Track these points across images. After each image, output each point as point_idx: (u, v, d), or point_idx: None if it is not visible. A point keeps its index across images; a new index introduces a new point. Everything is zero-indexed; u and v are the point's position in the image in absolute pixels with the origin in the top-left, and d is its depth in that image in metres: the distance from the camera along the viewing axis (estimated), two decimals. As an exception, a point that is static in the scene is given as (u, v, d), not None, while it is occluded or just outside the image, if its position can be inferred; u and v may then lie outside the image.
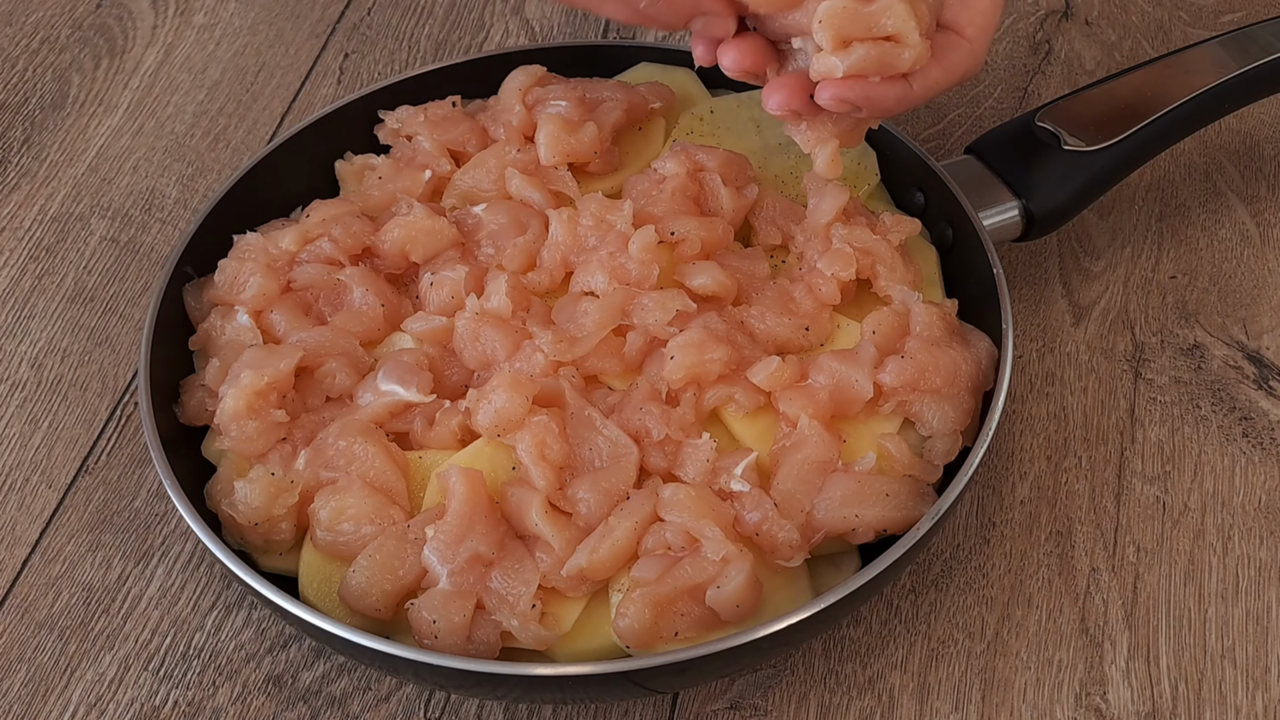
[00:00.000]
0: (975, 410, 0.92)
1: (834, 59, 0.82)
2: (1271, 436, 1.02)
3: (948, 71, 0.86)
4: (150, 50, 1.35)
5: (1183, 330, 1.09)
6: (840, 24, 0.82)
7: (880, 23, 0.82)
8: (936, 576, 0.96)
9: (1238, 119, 1.25)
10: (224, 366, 0.93)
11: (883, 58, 0.83)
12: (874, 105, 0.84)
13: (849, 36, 0.82)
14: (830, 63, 0.83)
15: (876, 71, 0.83)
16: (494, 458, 0.88)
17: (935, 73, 0.86)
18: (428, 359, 0.93)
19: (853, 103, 0.84)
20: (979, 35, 0.87)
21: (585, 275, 0.94)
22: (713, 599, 0.82)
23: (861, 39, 0.82)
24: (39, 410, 1.07)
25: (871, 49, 0.82)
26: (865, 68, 0.83)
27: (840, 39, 0.82)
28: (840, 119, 0.88)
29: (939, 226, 1.03)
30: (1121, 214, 1.17)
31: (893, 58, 0.83)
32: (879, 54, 0.82)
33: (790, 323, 0.93)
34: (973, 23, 0.86)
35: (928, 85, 0.86)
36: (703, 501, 0.85)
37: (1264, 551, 0.97)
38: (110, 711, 0.91)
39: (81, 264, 1.16)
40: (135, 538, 1.00)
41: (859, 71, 0.83)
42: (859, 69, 0.83)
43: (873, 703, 0.91)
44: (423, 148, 1.05)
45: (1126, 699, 0.90)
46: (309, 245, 0.99)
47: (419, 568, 0.84)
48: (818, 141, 0.89)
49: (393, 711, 0.91)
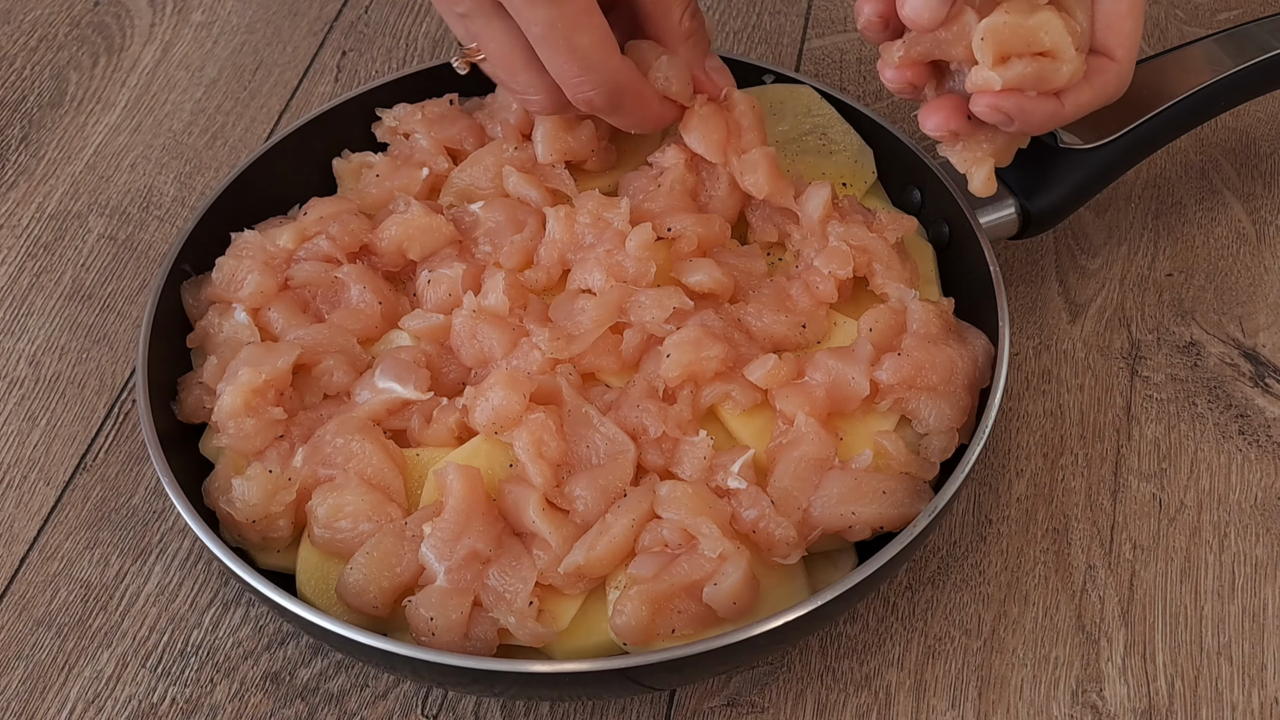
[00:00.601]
0: (972, 408, 0.92)
1: (992, 73, 0.84)
2: (1268, 434, 1.02)
3: (1098, 92, 0.88)
4: (148, 48, 1.35)
5: (1179, 328, 1.09)
6: (1001, 39, 0.83)
7: (1038, 38, 0.83)
8: (933, 574, 0.97)
9: (1234, 117, 1.25)
10: (222, 364, 0.93)
11: (1040, 73, 0.85)
12: (1027, 119, 0.86)
13: (1008, 52, 0.84)
14: (988, 76, 0.84)
15: (1034, 86, 0.85)
16: (491, 455, 0.88)
17: (1086, 94, 0.88)
18: (425, 356, 0.93)
19: (1007, 114, 0.86)
20: (1127, 57, 0.89)
21: (582, 273, 0.94)
22: (710, 596, 0.82)
23: (1020, 54, 0.84)
24: (37, 408, 1.07)
25: (1030, 64, 0.84)
26: (1023, 82, 0.85)
27: (1000, 54, 0.84)
28: (994, 137, 0.90)
29: (936, 224, 1.03)
30: (1118, 211, 1.18)
31: (1050, 73, 0.85)
32: (1036, 69, 0.84)
33: (787, 320, 0.93)
34: (1121, 45, 0.88)
35: (1079, 105, 0.88)
36: (700, 499, 0.85)
37: (1260, 549, 0.97)
38: (108, 708, 0.92)
39: (79, 262, 1.16)
40: (133, 535, 1.00)
41: (1016, 85, 0.85)
42: (1016, 83, 0.85)
43: (869, 700, 0.91)
44: (420, 145, 1.05)
45: (1123, 696, 0.91)
46: (307, 243, 0.99)
47: (416, 565, 0.84)
48: (974, 162, 0.91)
49: (390, 708, 0.91)
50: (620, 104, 0.94)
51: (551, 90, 0.94)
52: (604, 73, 0.91)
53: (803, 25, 1.36)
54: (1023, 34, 0.83)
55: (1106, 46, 0.88)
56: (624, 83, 0.93)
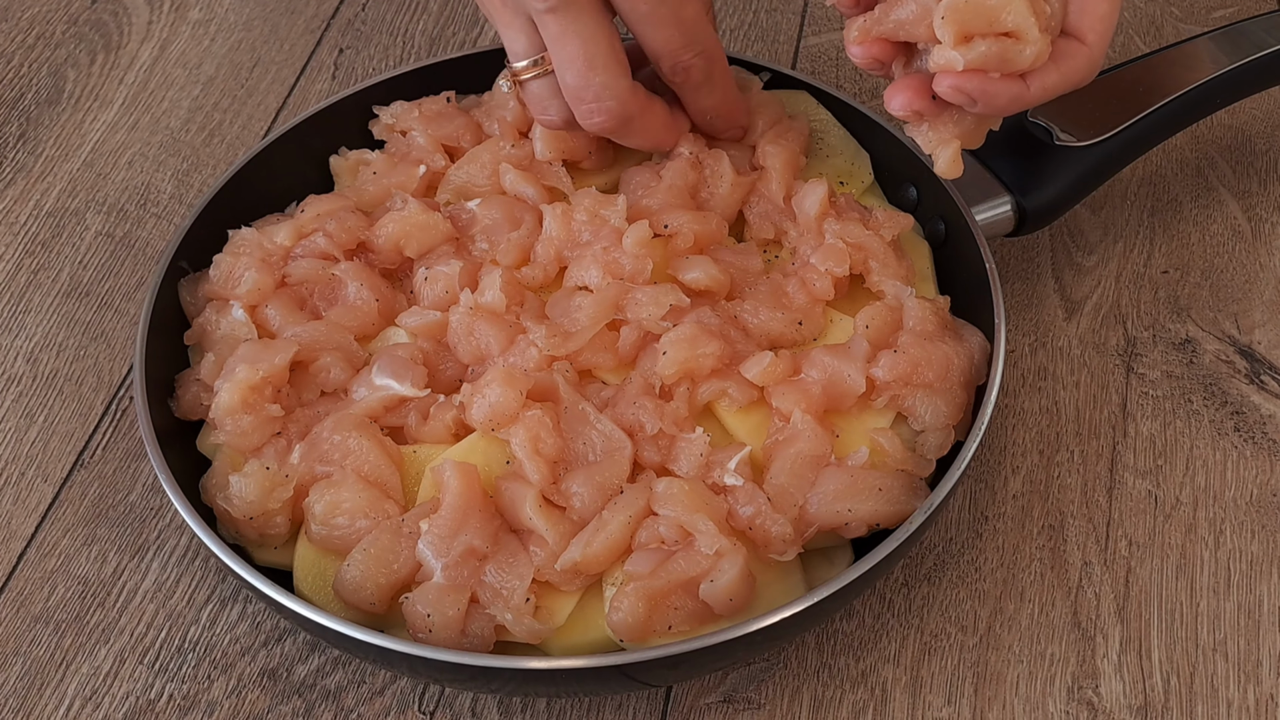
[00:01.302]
0: (968, 405, 0.92)
1: (954, 53, 0.83)
2: (1263, 430, 1.03)
3: (1065, 76, 0.87)
4: (145, 46, 1.35)
5: (1174, 325, 1.09)
6: (962, 18, 0.82)
7: (1000, 18, 0.82)
8: (929, 570, 0.97)
9: (1230, 114, 1.25)
10: (219, 361, 0.93)
11: (1003, 53, 0.83)
12: (990, 100, 0.85)
13: (970, 31, 0.83)
14: (950, 56, 0.83)
15: (997, 67, 0.84)
16: (488, 452, 0.88)
17: (1053, 76, 0.86)
18: (422, 354, 0.93)
19: (970, 95, 0.84)
20: (1098, 42, 0.87)
21: (579, 270, 0.95)
22: (706, 593, 0.82)
23: (983, 34, 0.83)
24: (34, 405, 1.07)
25: (993, 45, 0.83)
26: (985, 63, 0.83)
27: (961, 34, 0.83)
28: (962, 119, 0.89)
29: (932, 221, 1.03)
30: (1114, 209, 1.18)
31: (1013, 54, 0.83)
32: (999, 50, 0.83)
33: (783, 317, 0.93)
34: (1093, 29, 0.87)
35: (1045, 88, 0.86)
36: (696, 496, 0.85)
37: (1255, 545, 0.97)
38: (105, 705, 0.92)
39: (77, 259, 1.17)
40: (130, 532, 1.00)
41: (979, 66, 0.83)
42: (979, 64, 0.83)
43: (865, 696, 0.91)
44: (417, 143, 1.06)
45: (1119, 692, 0.91)
46: (304, 240, 0.99)
47: (413, 562, 0.84)
48: (940, 142, 0.90)
49: (387, 705, 0.91)
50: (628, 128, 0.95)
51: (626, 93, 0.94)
52: (615, 96, 0.93)
53: (799, 23, 1.36)
54: (984, 13, 0.82)
55: (1078, 29, 0.87)
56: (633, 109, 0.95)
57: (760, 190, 1.00)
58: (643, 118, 0.96)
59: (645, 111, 0.96)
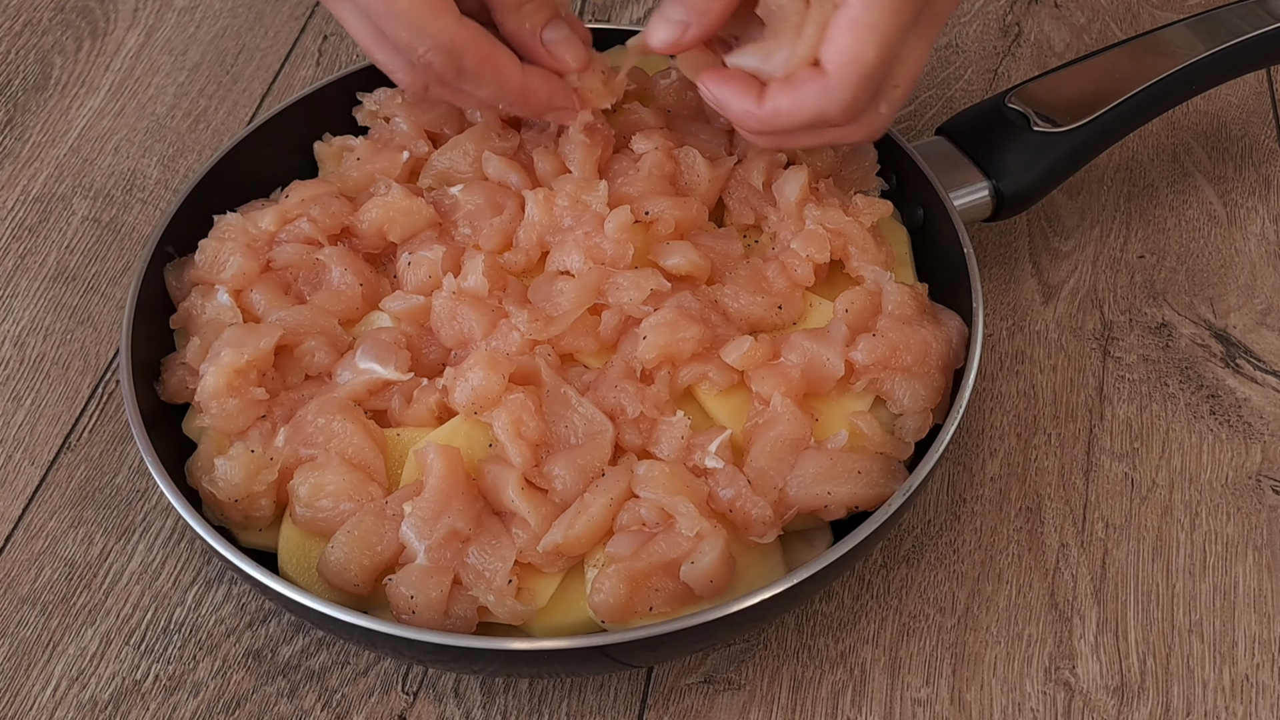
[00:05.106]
0: (946, 388, 0.93)
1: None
2: (1238, 414, 1.04)
3: (796, 102, 0.86)
4: (131, 32, 1.35)
5: (1151, 309, 1.10)
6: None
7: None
8: (908, 552, 0.98)
9: (1205, 100, 1.26)
10: (204, 345, 0.93)
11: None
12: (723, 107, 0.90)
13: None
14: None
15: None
16: (471, 435, 0.89)
17: (783, 100, 0.87)
18: (405, 337, 0.94)
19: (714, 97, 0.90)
20: (837, 73, 0.85)
21: (561, 255, 0.95)
22: (687, 574, 0.82)
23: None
24: (22, 388, 1.08)
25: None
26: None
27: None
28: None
29: (910, 207, 1.04)
30: (1090, 194, 1.18)
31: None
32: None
33: (763, 302, 0.94)
34: (830, 59, 0.85)
35: (775, 109, 0.87)
36: (677, 478, 0.85)
37: (1231, 527, 0.98)
38: (92, 685, 0.92)
39: (64, 244, 1.17)
40: (117, 514, 1.00)
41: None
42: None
43: (845, 676, 0.92)
44: (400, 129, 1.06)
45: (1095, 673, 0.91)
46: (288, 225, 0.99)
47: (397, 543, 0.85)
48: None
49: (371, 685, 0.92)
50: (461, 69, 0.91)
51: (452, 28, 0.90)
52: (433, 33, 0.89)
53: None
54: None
55: (823, 58, 0.85)
56: (460, 43, 0.90)
57: (740, 176, 1.01)
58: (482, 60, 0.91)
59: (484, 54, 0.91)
